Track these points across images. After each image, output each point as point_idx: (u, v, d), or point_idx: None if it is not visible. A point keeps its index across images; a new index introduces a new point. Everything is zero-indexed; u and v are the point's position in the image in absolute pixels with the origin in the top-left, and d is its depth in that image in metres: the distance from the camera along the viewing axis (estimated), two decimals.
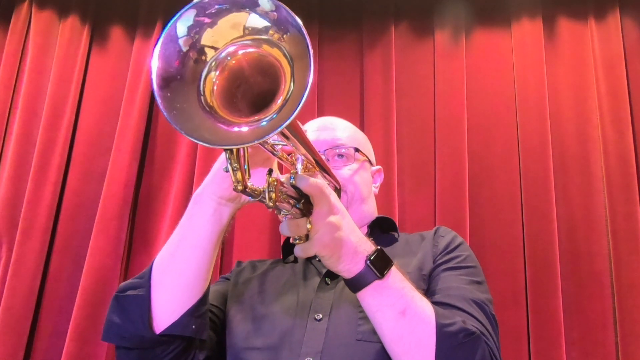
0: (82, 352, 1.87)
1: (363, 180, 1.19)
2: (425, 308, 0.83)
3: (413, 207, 2.03)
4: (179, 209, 2.02)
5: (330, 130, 1.18)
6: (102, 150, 2.13)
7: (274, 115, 0.60)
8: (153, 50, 0.63)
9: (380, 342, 0.86)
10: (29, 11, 2.25)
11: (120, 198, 2.03)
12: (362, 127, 2.10)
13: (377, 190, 1.28)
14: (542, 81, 2.08)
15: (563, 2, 2.19)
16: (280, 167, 0.94)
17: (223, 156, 0.89)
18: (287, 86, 0.62)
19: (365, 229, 1.19)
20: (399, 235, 1.20)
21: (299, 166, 0.83)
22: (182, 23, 0.63)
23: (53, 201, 2.03)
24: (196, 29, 0.63)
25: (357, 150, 1.18)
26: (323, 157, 1.07)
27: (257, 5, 0.61)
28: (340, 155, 1.16)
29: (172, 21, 0.63)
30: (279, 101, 0.62)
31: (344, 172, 1.14)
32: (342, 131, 1.20)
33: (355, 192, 1.15)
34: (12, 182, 2.06)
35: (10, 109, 2.17)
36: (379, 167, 1.30)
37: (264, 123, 0.60)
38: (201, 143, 0.60)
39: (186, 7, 0.63)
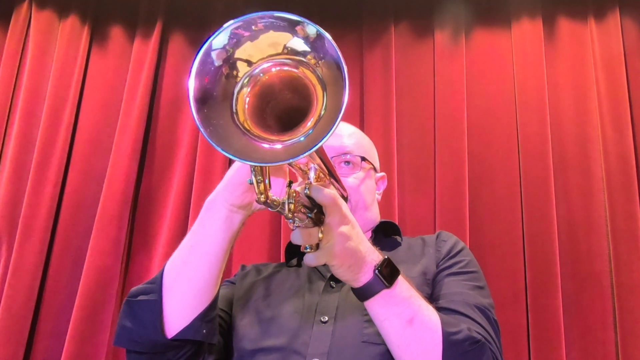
0: (82, 352, 1.87)
1: (367, 188, 1.19)
2: (431, 316, 0.84)
3: (413, 208, 2.03)
4: (178, 209, 2.03)
5: (337, 136, 1.17)
6: (102, 150, 2.13)
7: (310, 132, 0.62)
8: (192, 64, 0.64)
9: (386, 344, 0.87)
10: (29, 11, 2.25)
11: (120, 198, 2.03)
12: (362, 127, 2.10)
13: (379, 197, 1.28)
14: (542, 81, 2.08)
15: (563, 2, 2.19)
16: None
17: (236, 165, 0.91)
18: (319, 107, 0.64)
19: (370, 234, 1.20)
20: (402, 239, 1.21)
21: (312, 175, 0.83)
22: (222, 36, 0.64)
23: (53, 201, 2.04)
24: (234, 41, 0.65)
25: (363, 159, 1.18)
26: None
27: (304, 30, 0.63)
28: (347, 162, 1.16)
29: (216, 33, 0.64)
30: (310, 122, 0.64)
31: (350, 180, 1.14)
32: (349, 138, 1.19)
33: (359, 201, 1.15)
34: (12, 182, 2.06)
35: (10, 109, 2.17)
36: (383, 174, 1.31)
37: (301, 139, 0.62)
38: (239, 160, 0.62)
39: (233, 22, 0.64)
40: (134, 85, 2.16)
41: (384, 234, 1.22)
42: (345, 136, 1.19)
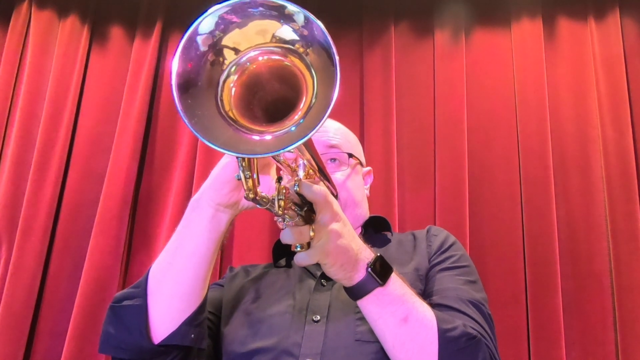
0: (82, 352, 1.87)
1: (355, 184, 1.18)
2: (426, 313, 0.83)
3: (413, 207, 2.03)
4: (178, 209, 2.02)
5: (323, 132, 1.16)
6: (102, 150, 2.13)
7: (301, 121, 0.60)
8: (175, 51, 0.61)
9: (379, 342, 0.86)
10: (29, 11, 2.25)
11: (120, 198, 2.03)
12: (362, 127, 2.10)
13: (368, 192, 1.27)
14: (542, 81, 2.08)
15: (563, 2, 2.18)
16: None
17: (222, 162, 0.89)
18: (309, 97, 0.61)
19: (360, 229, 1.19)
20: (392, 235, 1.20)
21: (301, 173, 0.81)
22: (209, 20, 0.61)
23: (53, 201, 2.03)
24: (222, 27, 0.62)
25: (350, 155, 1.17)
26: None
27: (293, 18, 0.60)
28: (333, 159, 1.16)
29: (200, 18, 0.61)
30: (300, 111, 0.61)
31: (337, 177, 1.13)
32: (334, 134, 1.18)
33: (348, 197, 1.14)
34: (12, 182, 2.05)
35: (10, 109, 2.17)
36: (369, 168, 1.30)
37: (292, 129, 0.59)
38: (227, 152, 0.58)
39: (221, 5, 0.61)
40: (134, 85, 2.16)
41: (374, 230, 1.21)
42: (331, 132, 1.17)
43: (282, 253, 1.18)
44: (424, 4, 2.24)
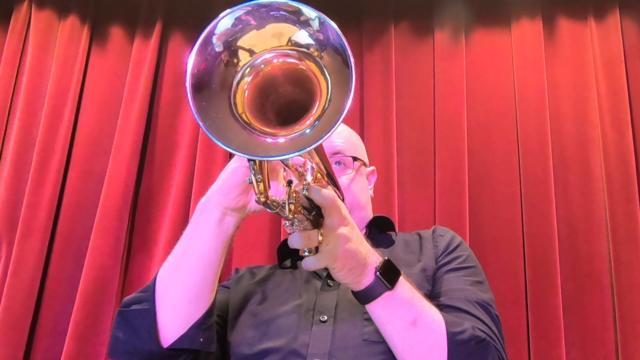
0: (82, 352, 1.87)
1: (360, 187, 1.18)
2: (435, 317, 0.83)
3: (413, 207, 2.03)
4: (178, 209, 2.03)
5: None
6: (102, 150, 2.13)
7: (316, 123, 0.59)
8: (189, 53, 0.60)
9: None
10: (29, 11, 2.25)
11: (120, 198, 2.03)
12: (362, 127, 2.10)
13: (372, 193, 1.27)
14: (542, 81, 2.08)
15: (563, 2, 2.18)
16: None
17: (230, 166, 0.89)
18: (323, 100, 0.61)
19: (364, 230, 1.19)
20: (396, 235, 1.20)
21: (310, 177, 0.81)
22: (226, 21, 0.61)
23: (53, 201, 2.03)
24: (239, 27, 0.61)
25: (355, 158, 1.17)
26: None
27: (309, 22, 0.60)
28: (338, 163, 1.15)
29: (217, 19, 0.61)
30: (315, 114, 0.61)
31: (342, 180, 1.13)
32: (338, 137, 1.18)
33: (353, 201, 1.14)
34: (12, 182, 2.05)
35: (10, 109, 2.17)
36: (372, 167, 1.30)
37: (307, 132, 0.59)
38: (242, 155, 0.58)
39: (240, 6, 0.60)
40: (134, 85, 2.16)
41: (378, 230, 1.21)
42: (334, 135, 1.16)
43: (287, 254, 1.18)
44: (424, 4, 2.24)
